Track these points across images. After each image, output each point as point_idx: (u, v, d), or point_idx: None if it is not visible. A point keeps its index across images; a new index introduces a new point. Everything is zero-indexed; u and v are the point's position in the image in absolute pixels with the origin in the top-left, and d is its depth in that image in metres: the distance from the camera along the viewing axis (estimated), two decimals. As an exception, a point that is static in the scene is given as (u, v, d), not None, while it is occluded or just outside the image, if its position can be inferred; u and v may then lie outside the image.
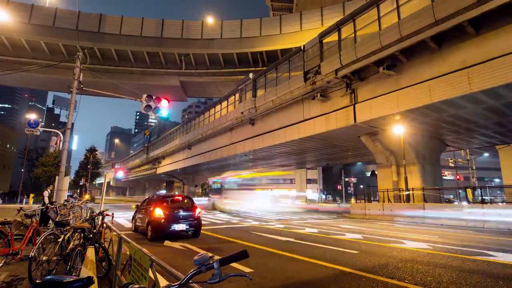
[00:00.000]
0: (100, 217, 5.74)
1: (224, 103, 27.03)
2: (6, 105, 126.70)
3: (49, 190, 9.92)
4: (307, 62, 17.27)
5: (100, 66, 32.27)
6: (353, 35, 14.40)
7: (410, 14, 11.67)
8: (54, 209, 8.03)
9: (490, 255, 6.46)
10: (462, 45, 10.87)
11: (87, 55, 31.20)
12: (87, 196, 34.23)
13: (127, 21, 32.45)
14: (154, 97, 12.02)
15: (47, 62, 29.36)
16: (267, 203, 35.32)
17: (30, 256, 3.94)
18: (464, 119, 14.34)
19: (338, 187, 63.46)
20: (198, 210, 9.67)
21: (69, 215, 8.31)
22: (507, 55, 9.62)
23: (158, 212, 9.00)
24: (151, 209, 9.33)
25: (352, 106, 15.05)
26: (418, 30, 11.28)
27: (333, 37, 15.77)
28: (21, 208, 6.38)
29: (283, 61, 19.43)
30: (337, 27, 15.37)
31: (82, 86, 11.52)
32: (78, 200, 11.73)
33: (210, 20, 33.58)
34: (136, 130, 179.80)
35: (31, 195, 34.54)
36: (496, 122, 15.05)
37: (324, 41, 16.36)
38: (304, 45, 17.74)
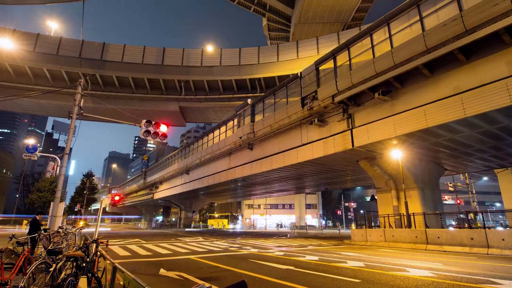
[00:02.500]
0: (94, 245, 5.58)
1: (223, 128, 27.25)
2: (5, 130, 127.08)
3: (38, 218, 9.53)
4: (304, 88, 17.67)
5: (101, 92, 32.84)
6: (348, 62, 14.87)
7: (402, 43, 12.14)
8: (47, 236, 7.81)
9: (496, 283, 6.26)
10: (454, 71, 11.21)
11: (89, 82, 31.83)
12: (81, 223, 33.44)
13: (129, 49, 33.45)
14: (153, 122, 12.13)
15: (49, 88, 29.92)
16: None
17: (19, 286, 3.78)
18: (461, 143, 14.46)
19: (338, 212, 62.53)
20: None
21: (63, 243, 8.07)
22: (498, 81, 9.91)
23: None
24: None
25: (350, 131, 15.21)
26: (410, 58, 11.68)
27: (329, 64, 16.27)
28: (13, 235, 6.21)
29: (281, 87, 19.87)
30: (333, 55, 15.90)
31: (82, 111, 11.65)
32: (72, 227, 11.45)
33: (210, 48, 34.69)
34: (134, 155, 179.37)
35: (24, 221, 33.73)
36: (493, 146, 15.18)
37: (320, 68, 16.85)
38: (301, 72, 18.24)
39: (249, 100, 23.07)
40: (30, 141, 17.31)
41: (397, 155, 15.29)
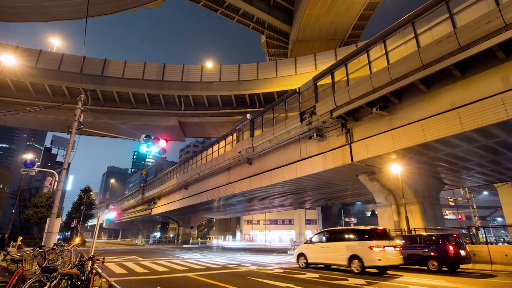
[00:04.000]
0: (90, 262, 5.47)
1: (222, 143, 27.29)
2: (4, 145, 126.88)
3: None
4: (302, 103, 17.83)
5: (101, 107, 33.06)
6: (345, 78, 15.09)
7: (399, 59, 12.37)
8: (42, 253, 7.66)
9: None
10: (450, 86, 11.37)
11: (89, 97, 32.09)
12: (77, 240, 32.86)
13: (130, 66, 33.95)
14: (152, 137, 12.16)
15: (50, 103, 30.13)
16: None
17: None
18: (459, 158, 14.48)
19: (339, 227, 61.69)
20: None
21: (58, 260, 7.90)
22: (494, 96, 10.03)
23: None
24: None
25: (348, 145, 15.25)
26: (407, 74, 11.86)
27: (327, 80, 16.50)
28: (7, 252, 6.09)
29: (280, 102, 20.05)
30: (330, 71, 16.15)
31: (82, 126, 11.69)
32: (68, 244, 11.24)
33: (209, 64, 35.24)
34: (132, 170, 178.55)
35: (19, 238, 33.08)
36: (492, 160, 15.20)
37: (318, 83, 17.08)
38: (299, 88, 18.47)
39: (248, 115, 23.23)
40: (28, 156, 17.26)
41: (396, 169, 15.27)
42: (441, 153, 13.66)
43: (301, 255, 13.56)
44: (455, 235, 12.15)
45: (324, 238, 12.90)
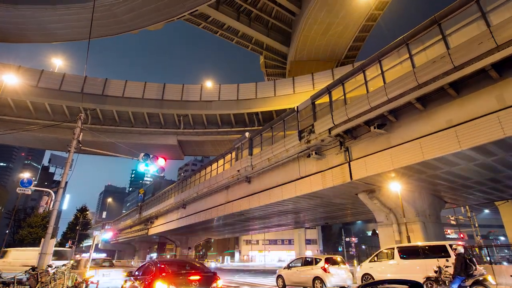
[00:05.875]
0: (84, 285, 5.30)
1: (221, 161, 27.22)
2: (1, 164, 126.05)
3: None
4: (301, 122, 17.97)
5: (101, 126, 33.21)
6: (343, 97, 15.31)
7: (395, 78, 12.60)
8: (35, 276, 7.43)
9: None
10: (446, 105, 11.54)
11: (89, 116, 32.30)
12: (71, 261, 31.96)
13: (131, 85, 34.43)
14: (151, 156, 12.14)
15: (49, 122, 30.25)
16: None
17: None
18: (459, 176, 14.45)
19: (340, 247, 60.52)
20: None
21: (51, 283, 7.66)
22: (490, 114, 10.16)
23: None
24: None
25: (347, 164, 15.23)
26: (403, 93, 12.06)
27: (325, 98, 16.73)
28: (-1, 275, 5.91)
29: (278, 121, 20.21)
30: (328, 90, 16.41)
31: (80, 145, 11.69)
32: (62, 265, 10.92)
33: (209, 84, 35.81)
34: (130, 189, 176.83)
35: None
36: (491, 178, 15.17)
37: (316, 102, 17.30)
38: (297, 106, 18.68)
39: (247, 134, 23.33)
40: (25, 175, 17.11)
41: (396, 188, 15.19)
42: (441, 171, 13.64)
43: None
44: None
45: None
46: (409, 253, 12.43)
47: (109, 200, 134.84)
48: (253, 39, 46.40)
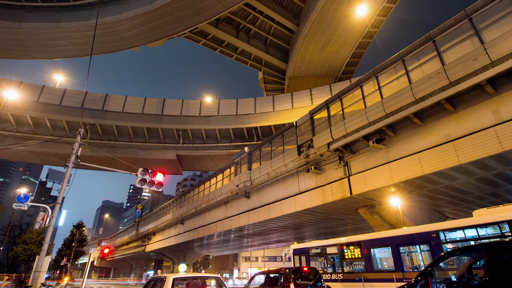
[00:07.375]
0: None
1: (220, 176, 27.08)
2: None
3: None
4: (300, 137, 18.03)
5: (100, 141, 33.21)
6: (341, 112, 15.44)
7: (392, 93, 12.76)
8: (28, 295, 7.22)
9: None
10: (444, 120, 11.62)
11: (88, 131, 32.36)
12: (66, 278, 31.20)
13: (131, 100, 34.71)
14: (149, 171, 12.08)
15: (48, 137, 30.27)
16: None
17: None
18: (459, 190, 14.38)
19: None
20: None
21: (43, 302, 7.44)
22: (487, 129, 10.22)
23: None
24: None
25: (347, 178, 15.16)
26: (400, 108, 12.17)
27: (323, 113, 16.85)
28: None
29: (277, 136, 20.27)
30: (326, 105, 16.56)
31: (79, 160, 11.64)
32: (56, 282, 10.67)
33: (208, 99, 36.14)
34: (128, 204, 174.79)
35: (5, 277, 31.43)
36: (491, 193, 15.09)
37: (314, 117, 17.42)
38: (296, 121, 18.79)
39: (246, 148, 23.34)
40: (22, 190, 16.93)
41: (396, 203, 15.07)
42: (440, 186, 13.58)
43: None
44: None
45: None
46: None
47: (106, 215, 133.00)
48: (252, 56, 47.24)
